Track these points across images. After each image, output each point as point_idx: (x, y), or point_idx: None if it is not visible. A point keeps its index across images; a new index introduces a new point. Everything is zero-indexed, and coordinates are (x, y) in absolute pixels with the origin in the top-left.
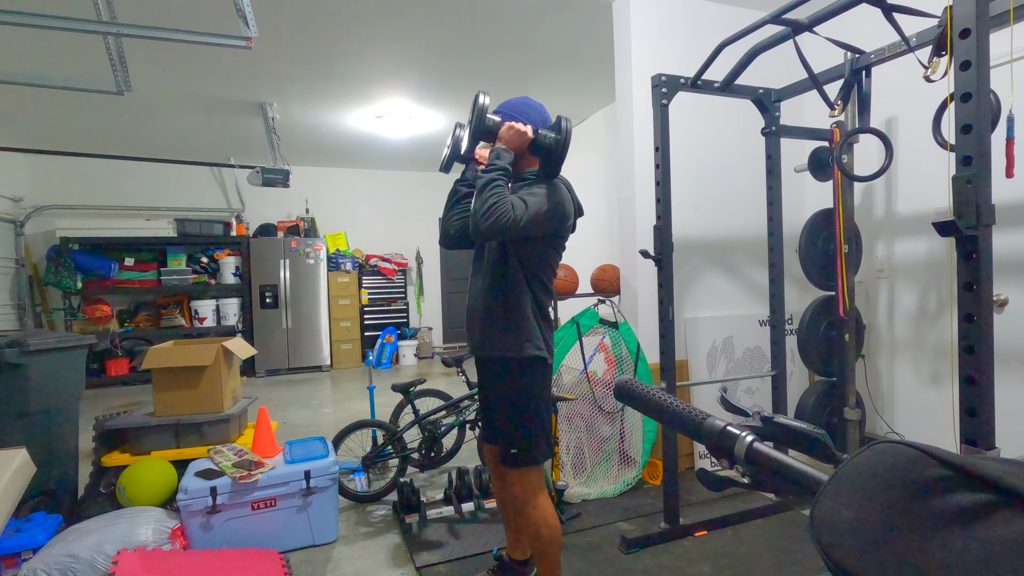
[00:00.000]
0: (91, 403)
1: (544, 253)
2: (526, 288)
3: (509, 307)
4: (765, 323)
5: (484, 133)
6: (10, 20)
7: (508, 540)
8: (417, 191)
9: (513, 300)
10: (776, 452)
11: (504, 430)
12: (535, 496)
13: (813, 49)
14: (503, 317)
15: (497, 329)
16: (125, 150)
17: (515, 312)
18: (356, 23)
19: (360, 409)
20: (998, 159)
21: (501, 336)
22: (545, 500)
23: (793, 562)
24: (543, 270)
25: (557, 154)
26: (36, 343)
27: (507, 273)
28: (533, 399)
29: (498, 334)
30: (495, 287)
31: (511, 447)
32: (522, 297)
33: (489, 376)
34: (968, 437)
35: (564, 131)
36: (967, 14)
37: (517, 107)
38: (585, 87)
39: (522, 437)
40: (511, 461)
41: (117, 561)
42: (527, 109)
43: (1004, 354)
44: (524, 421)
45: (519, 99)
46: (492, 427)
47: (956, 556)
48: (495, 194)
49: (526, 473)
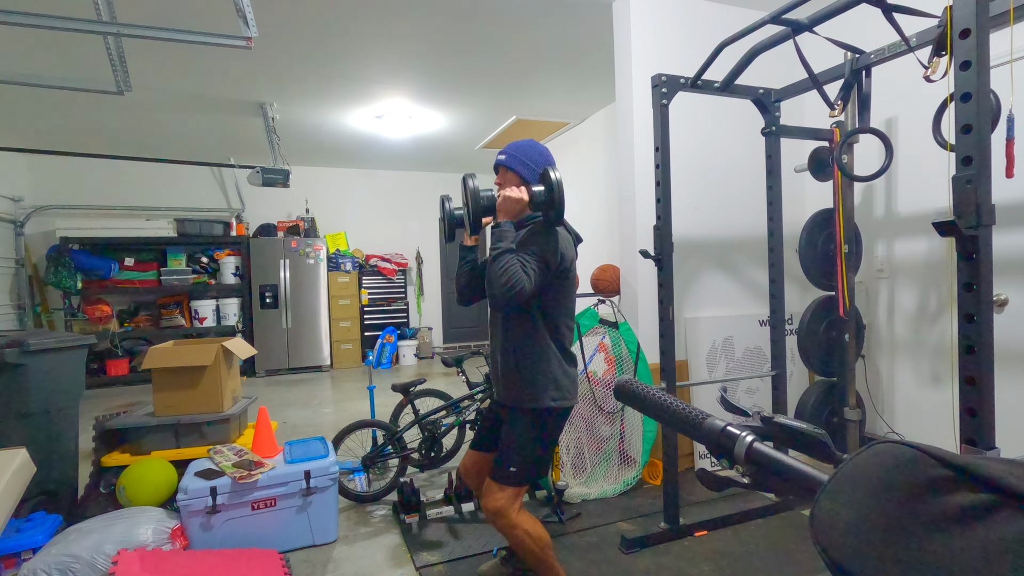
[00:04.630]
0: (91, 403)
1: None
2: (544, 332)
3: (529, 358)
4: (765, 323)
5: (483, 211)
6: (10, 20)
7: None
8: (417, 191)
9: (533, 349)
10: (776, 452)
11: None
12: (512, 508)
13: (813, 49)
14: (524, 369)
15: (518, 381)
16: (125, 150)
17: (535, 363)
18: (356, 23)
19: (360, 409)
20: (998, 159)
21: (522, 389)
22: (522, 513)
23: (793, 562)
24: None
25: (555, 209)
26: (36, 343)
27: (524, 321)
28: (547, 443)
29: (520, 387)
30: (514, 337)
31: (510, 465)
32: (541, 343)
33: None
34: (968, 437)
35: (554, 184)
36: (967, 14)
37: (523, 149)
38: (585, 87)
39: (524, 463)
40: (506, 480)
41: (117, 561)
42: (532, 152)
43: (1004, 354)
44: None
45: (525, 142)
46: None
47: (956, 556)
48: (507, 272)
49: (516, 491)
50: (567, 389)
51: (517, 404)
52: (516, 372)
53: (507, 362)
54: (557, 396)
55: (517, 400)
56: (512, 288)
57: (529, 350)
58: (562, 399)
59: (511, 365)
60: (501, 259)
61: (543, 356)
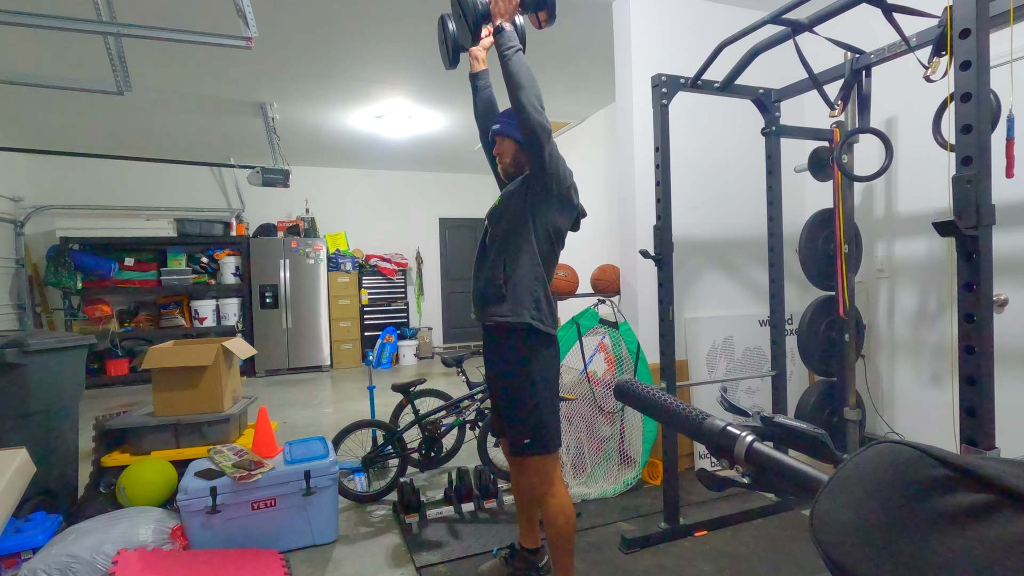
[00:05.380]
0: (91, 403)
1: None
2: (536, 256)
3: (517, 274)
4: (765, 323)
5: (482, 17)
6: (10, 20)
7: (520, 529)
8: (417, 191)
9: (522, 267)
10: (776, 452)
11: (514, 418)
12: (553, 485)
13: (813, 49)
14: (510, 282)
15: (500, 294)
16: (125, 150)
17: (521, 279)
18: (356, 23)
19: (360, 409)
20: (998, 159)
21: (502, 302)
22: (562, 489)
23: (793, 562)
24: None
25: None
26: (36, 343)
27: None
28: (539, 380)
29: (500, 300)
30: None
31: (523, 436)
32: (531, 264)
33: (492, 352)
34: (968, 437)
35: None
36: (967, 14)
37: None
38: (585, 87)
39: (532, 425)
40: (525, 451)
41: (117, 561)
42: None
43: (1004, 354)
44: (533, 406)
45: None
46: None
47: (956, 556)
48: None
49: (542, 462)
50: (547, 314)
51: (495, 318)
52: (501, 285)
53: (494, 275)
54: (536, 316)
55: (495, 313)
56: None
57: (519, 267)
58: (540, 321)
59: (498, 279)
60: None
61: (530, 275)
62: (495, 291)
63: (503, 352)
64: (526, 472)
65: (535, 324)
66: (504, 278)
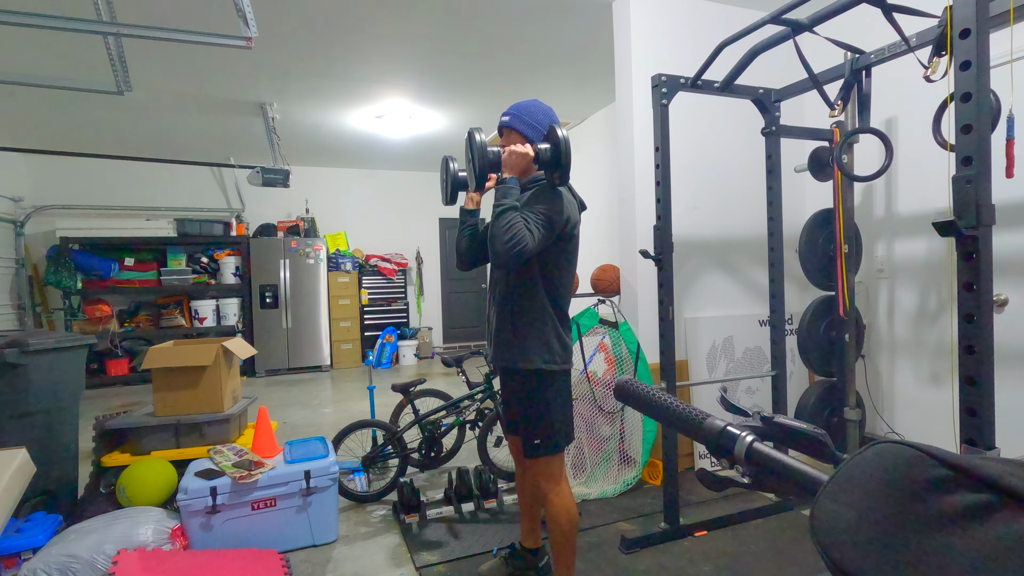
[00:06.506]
0: (91, 403)
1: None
2: (543, 295)
3: (522, 317)
4: (765, 323)
5: (490, 167)
6: (10, 20)
7: (522, 528)
8: (417, 191)
9: (530, 311)
10: (776, 452)
11: (525, 424)
12: (557, 484)
13: (813, 49)
14: (515, 328)
15: (508, 340)
16: (125, 150)
17: (530, 324)
18: (356, 23)
19: (360, 409)
20: (998, 159)
21: (513, 349)
22: (567, 488)
23: (793, 562)
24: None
25: (561, 167)
26: (36, 343)
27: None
28: (554, 404)
29: (510, 346)
30: (512, 296)
31: (533, 438)
32: (539, 305)
33: (506, 387)
34: (968, 437)
35: (561, 141)
36: (967, 14)
37: (527, 109)
38: (585, 87)
39: (543, 428)
40: (534, 452)
41: (117, 561)
42: (536, 112)
43: (1004, 354)
44: (544, 416)
45: (529, 102)
46: (513, 419)
47: (956, 556)
48: (510, 229)
49: (549, 462)
50: (558, 354)
51: (507, 364)
52: (510, 331)
53: (503, 321)
54: (548, 359)
55: (507, 360)
56: (515, 245)
57: (526, 311)
58: (552, 363)
59: (506, 324)
60: (505, 215)
61: (539, 318)
62: (504, 336)
63: (516, 388)
64: (533, 472)
65: (546, 368)
66: (511, 324)
